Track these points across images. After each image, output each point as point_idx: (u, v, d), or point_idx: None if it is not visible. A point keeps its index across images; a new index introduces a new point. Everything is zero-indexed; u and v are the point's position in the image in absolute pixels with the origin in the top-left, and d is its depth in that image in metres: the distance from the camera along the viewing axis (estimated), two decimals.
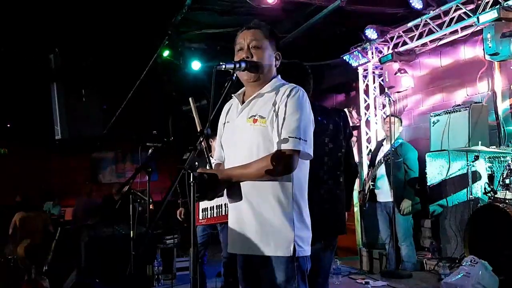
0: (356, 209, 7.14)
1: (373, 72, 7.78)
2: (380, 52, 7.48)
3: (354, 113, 8.66)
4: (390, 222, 5.88)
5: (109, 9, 6.53)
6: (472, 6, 5.90)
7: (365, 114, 7.86)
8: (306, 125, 2.18)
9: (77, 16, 6.62)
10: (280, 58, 2.41)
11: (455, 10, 6.07)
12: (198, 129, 2.99)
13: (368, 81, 7.83)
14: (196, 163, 1.98)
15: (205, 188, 2.11)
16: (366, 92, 7.87)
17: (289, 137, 2.12)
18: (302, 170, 2.28)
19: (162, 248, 6.81)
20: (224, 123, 2.44)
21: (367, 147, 7.83)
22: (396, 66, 6.99)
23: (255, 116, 2.24)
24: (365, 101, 7.87)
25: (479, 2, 5.75)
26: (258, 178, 2.16)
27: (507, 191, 4.54)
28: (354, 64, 7.78)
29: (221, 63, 2.18)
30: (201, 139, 2.01)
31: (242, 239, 2.24)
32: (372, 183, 5.96)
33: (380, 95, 7.79)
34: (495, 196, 4.70)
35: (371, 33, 7.05)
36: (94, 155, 13.83)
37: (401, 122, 6.21)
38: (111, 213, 7.07)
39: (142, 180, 5.07)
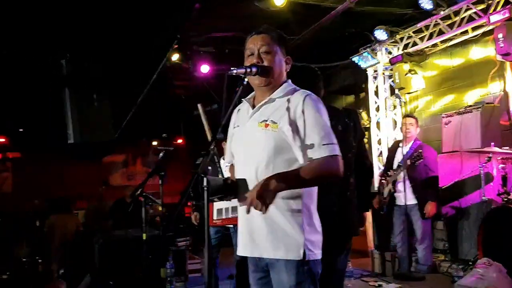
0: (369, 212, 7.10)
1: (383, 73, 7.75)
2: (390, 53, 7.46)
3: (364, 114, 8.64)
4: (407, 225, 5.80)
5: (119, 13, 6.58)
6: (482, 6, 5.86)
7: (375, 115, 7.83)
8: (330, 129, 2.23)
9: (88, 21, 6.68)
10: (291, 63, 2.42)
11: (466, 10, 6.04)
12: (207, 134, 3.00)
13: (378, 82, 7.80)
14: (209, 167, 2.00)
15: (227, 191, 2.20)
16: (376, 93, 7.84)
17: (323, 144, 2.15)
18: None
19: (174, 250, 6.82)
20: (234, 127, 2.45)
21: (378, 149, 7.80)
22: (406, 67, 6.96)
23: (266, 121, 2.25)
24: (375, 102, 7.84)
25: (490, 2, 5.72)
26: (311, 184, 2.22)
27: None
28: (364, 65, 7.76)
29: (232, 69, 2.19)
30: (213, 146, 2.02)
31: (252, 242, 2.25)
32: (393, 186, 5.87)
33: (390, 96, 7.76)
34: (509, 197, 4.66)
35: (380, 34, 7.03)
36: (105, 159, 13.93)
37: (417, 122, 6.10)
38: (123, 216, 7.11)
39: (152, 183, 5.12)
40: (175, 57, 8.34)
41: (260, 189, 2.01)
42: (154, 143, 13.02)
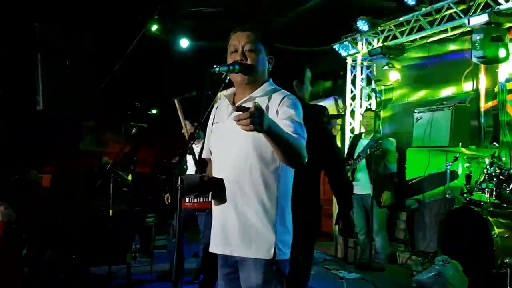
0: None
1: (362, 63, 7.81)
2: (370, 44, 7.51)
3: (340, 101, 8.72)
4: (365, 214, 6.01)
5: None
6: (463, 7, 5.94)
7: (351, 104, 7.92)
8: (302, 125, 2.19)
9: None
10: (273, 62, 2.42)
11: (447, 9, 6.11)
12: (184, 131, 2.98)
13: (356, 71, 7.87)
14: (185, 166, 2.01)
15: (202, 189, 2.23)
16: (353, 82, 7.91)
17: (296, 133, 2.09)
18: (288, 175, 2.31)
19: (141, 226, 6.82)
20: (213, 123, 2.45)
21: (350, 136, 7.91)
22: (384, 60, 7.02)
23: None
24: (352, 91, 7.92)
25: (471, 3, 5.79)
26: (291, 152, 2.05)
27: (483, 194, 4.66)
28: (344, 53, 7.81)
29: (215, 66, 2.18)
30: (191, 143, 2.03)
31: (224, 240, 2.28)
32: (352, 175, 6.05)
33: (366, 86, 7.85)
34: (471, 197, 4.82)
35: (362, 24, 7.05)
36: (74, 124, 13.69)
37: (379, 116, 6.29)
38: (91, 188, 7.06)
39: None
40: (154, 27, 8.19)
41: (258, 112, 1.82)
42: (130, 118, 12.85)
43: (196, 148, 5.13)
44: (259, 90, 2.33)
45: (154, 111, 14.49)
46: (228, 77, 2.24)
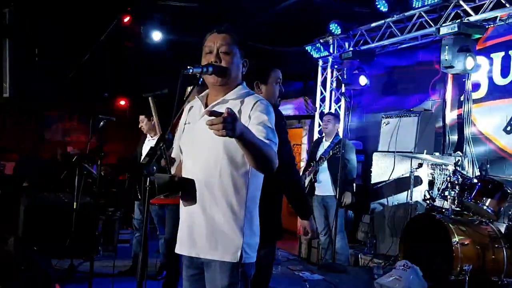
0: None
1: (333, 66, 7.90)
2: (341, 47, 7.59)
3: (310, 102, 8.80)
4: (326, 215, 6.07)
5: None
6: (434, 16, 6.07)
7: (320, 106, 8.00)
8: (274, 130, 2.20)
9: None
10: (247, 65, 2.42)
11: (418, 17, 6.23)
12: (157, 129, 2.95)
13: (326, 74, 7.95)
14: (154, 167, 1.99)
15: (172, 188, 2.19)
16: (324, 84, 7.99)
17: (267, 139, 2.10)
18: (258, 179, 2.33)
19: (104, 219, 6.74)
20: (185, 124, 2.44)
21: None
22: (355, 64, 7.11)
23: None
24: (322, 93, 8.00)
25: (442, 13, 5.93)
26: (261, 158, 2.05)
27: (445, 201, 4.79)
28: (315, 55, 7.88)
29: (188, 67, 2.16)
30: (161, 145, 2.02)
31: (191, 241, 2.27)
32: (314, 176, 6.10)
33: (336, 88, 7.94)
34: (433, 204, 4.95)
35: (335, 28, 7.14)
36: (40, 112, 13.38)
37: (339, 120, 6.41)
38: (55, 179, 6.91)
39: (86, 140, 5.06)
40: (126, 19, 8.08)
41: (231, 117, 1.82)
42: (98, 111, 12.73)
43: (153, 140, 5.18)
44: (232, 93, 2.32)
45: (122, 102, 14.36)
46: (201, 78, 2.24)
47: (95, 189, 6.50)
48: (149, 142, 5.31)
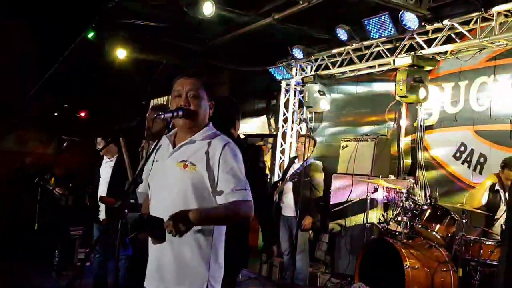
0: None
1: (295, 88, 8.15)
2: (304, 70, 7.86)
3: (272, 121, 9.00)
4: (290, 235, 6.24)
5: None
6: (390, 46, 6.40)
7: (283, 126, 8.21)
8: (244, 176, 2.40)
9: None
10: (213, 107, 2.57)
11: (375, 47, 6.55)
12: (128, 172, 3.05)
13: (289, 95, 8.18)
14: (126, 210, 2.11)
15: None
16: (286, 105, 8.21)
17: (236, 190, 2.31)
18: None
19: (65, 239, 6.68)
20: (153, 161, 2.55)
21: (281, 158, 8.20)
22: (316, 87, 7.36)
23: (186, 161, 2.38)
24: (284, 114, 8.22)
25: (397, 44, 6.26)
26: (223, 224, 2.39)
27: (398, 226, 5.05)
28: (278, 77, 8.12)
29: (160, 113, 2.30)
30: (132, 187, 2.13)
31: (159, 276, 2.39)
32: (279, 197, 6.27)
33: (298, 109, 8.18)
34: (387, 227, 5.21)
35: (297, 52, 7.37)
36: None
37: (315, 142, 6.50)
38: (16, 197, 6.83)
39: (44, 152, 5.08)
40: (90, 34, 8.09)
41: (180, 218, 2.17)
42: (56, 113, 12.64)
43: (110, 162, 5.22)
44: (200, 134, 2.46)
45: (83, 114, 14.23)
46: (172, 122, 2.38)
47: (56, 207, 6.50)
48: (107, 164, 5.33)
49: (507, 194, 4.69)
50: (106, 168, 5.30)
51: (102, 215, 5.22)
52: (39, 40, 8.21)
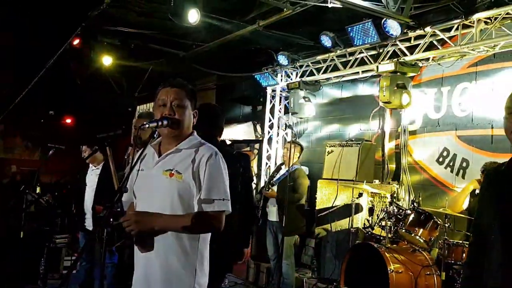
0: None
1: (281, 94, 8.21)
2: (289, 76, 7.93)
3: (258, 127, 9.04)
4: (276, 240, 6.28)
5: None
6: (374, 52, 6.49)
7: (269, 132, 8.26)
8: (226, 185, 2.44)
9: None
10: (197, 116, 2.60)
11: (359, 53, 6.63)
12: (114, 181, 3.07)
13: (275, 101, 8.24)
14: (111, 219, 2.13)
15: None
16: (272, 111, 8.27)
17: (214, 199, 2.36)
18: None
19: (50, 246, 6.64)
20: (138, 170, 2.57)
21: (266, 163, 8.25)
22: (301, 93, 7.44)
23: (172, 170, 2.42)
24: (270, 120, 8.27)
25: (381, 51, 6.35)
26: (190, 233, 2.40)
27: (382, 230, 5.11)
28: (264, 84, 8.18)
29: (145, 123, 2.34)
30: (117, 196, 2.16)
31: (146, 284, 2.41)
32: (265, 203, 6.30)
33: (284, 114, 8.24)
34: (372, 232, 5.27)
35: (282, 59, 7.45)
36: None
37: (302, 149, 6.50)
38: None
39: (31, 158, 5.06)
40: (76, 41, 8.08)
41: (142, 219, 2.33)
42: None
43: (96, 170, 5.24)
44: (185, 143, 2.50)
45: (68, 121, 14.20)
46: (157, 131, 2.41)
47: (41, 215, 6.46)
48: (93, 172, 5.34)
49: None
50: (92, 176, 5.31)
51: (88, 223, 5.23)
52: (25, 47, 8.23)
